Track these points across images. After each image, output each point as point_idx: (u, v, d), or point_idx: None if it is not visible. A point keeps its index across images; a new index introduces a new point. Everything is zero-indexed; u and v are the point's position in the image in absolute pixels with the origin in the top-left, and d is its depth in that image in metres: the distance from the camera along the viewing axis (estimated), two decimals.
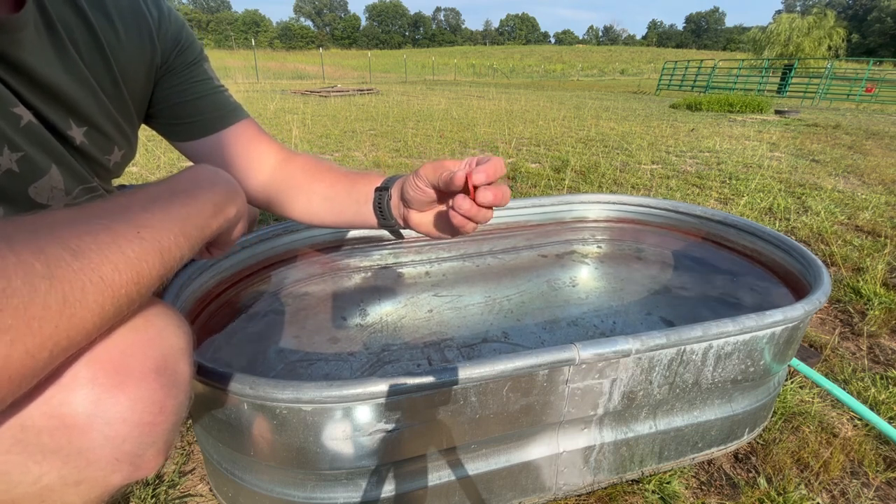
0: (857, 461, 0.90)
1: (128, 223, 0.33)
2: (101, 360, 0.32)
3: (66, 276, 0.28)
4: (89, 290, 0.29)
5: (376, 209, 0.60)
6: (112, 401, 0.32)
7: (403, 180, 0.56)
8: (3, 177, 0.43)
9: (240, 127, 0.66)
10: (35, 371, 0.28)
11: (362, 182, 0.62)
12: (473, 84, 19.86)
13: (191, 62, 0.62)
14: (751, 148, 4.24)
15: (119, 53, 0.53)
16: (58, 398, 0.30)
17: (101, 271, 0.30)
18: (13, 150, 0.44)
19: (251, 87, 12.36)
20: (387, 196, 0.59)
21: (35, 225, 0.29)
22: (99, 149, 0.54)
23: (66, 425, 0.31)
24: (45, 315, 0.27)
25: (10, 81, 0.43)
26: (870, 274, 1.61)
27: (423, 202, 0.54)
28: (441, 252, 1.22)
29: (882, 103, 11.59)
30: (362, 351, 1.06)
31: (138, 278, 0.32)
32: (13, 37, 0.41)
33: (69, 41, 0.48)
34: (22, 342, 0.26)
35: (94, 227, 0.31)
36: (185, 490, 0.82)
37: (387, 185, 0.60)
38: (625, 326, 1.18)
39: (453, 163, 0.51)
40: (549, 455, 0.72)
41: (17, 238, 0.27)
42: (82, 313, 0.29)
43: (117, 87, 0.54)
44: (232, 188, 0.47)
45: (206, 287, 0.85)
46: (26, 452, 0.30)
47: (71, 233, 0.30)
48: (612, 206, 1.28)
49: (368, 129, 4.91)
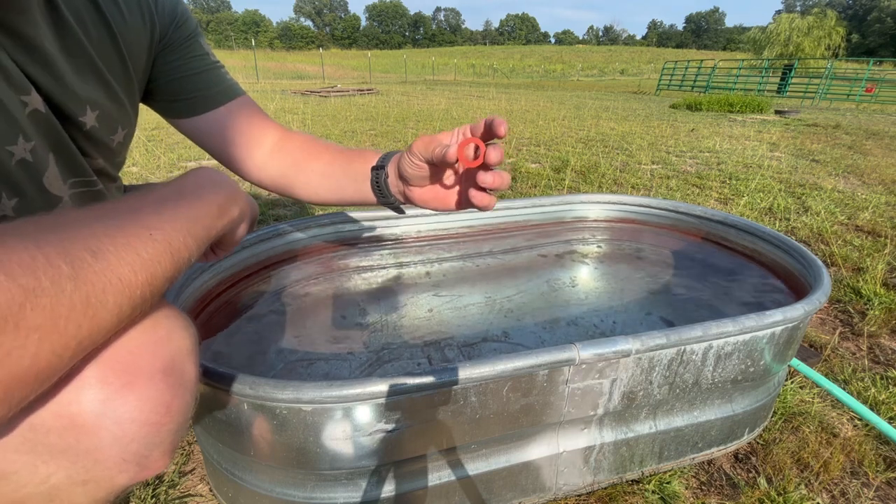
0: (857, 461, 0.90)
1: (140, 225, 0.34)
2: (110, 360, 0.32)
3: (88, 277, 0.28)
4: (109, 291, 0.29)
5: (374, 187, 0.60)
6: (121, 400, 0.32)
7: (399, 157, 0.56)
8: (18, 167, 0.43)
9: (238, 103, 0.66)
10: (58, 370, 0.28)
11: (359, 160, 0.62)
12: (473, 84, 19.87)
13: (187, 37, 0.62)
14: (751, 148, 4.24)
15: (125, 32, 0.53)
16: (67, 397, 0.31)
17: (119, 272, 0.30)
18: (27, 139, 0.44)
19: (251, 87, 12.36)
20: (383, 174, 0.59)
21: (56, 225, 0.29)
22: (105, 131, 0.54)
23: (74, 424, 0.31)
24: (71, 315, 0.27)
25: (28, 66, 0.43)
26: (870, 274, 1.61)
27: (420, 177, 0.54)
28: (441, 252, 1.22)
29: (882, 103, 11.59)
30: (362, 350, 1.06)
31: (152, 279, 0.33)
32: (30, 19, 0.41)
33: (77, 22, 0.48)
34: (49, 341, 0.26)
35: (109, 228, 0.32)
36: (185, 490, 0.82)
37: (383, 162, 0.59)
38: (625, 326, 1.18)
39: (446, 135, 0.51)
40: (549, 455, 0.72)
41: (44, 239, 0.27)
42: (103, 314, 0.29)
43: (125, 67, 0.54)
44: (234, 189, 0.47)
45: (207, 287, 0.85)
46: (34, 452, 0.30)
47: (89, 233, 0.30)
48: (612, 206, 1.28)
49: (368, 129, 4.91)
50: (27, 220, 0.29)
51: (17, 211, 0.44)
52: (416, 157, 0.51)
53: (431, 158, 0.50)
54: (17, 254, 0.25)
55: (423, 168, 0.52)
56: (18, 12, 0.41)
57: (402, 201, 0.60)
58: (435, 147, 0.49)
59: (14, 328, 0.24)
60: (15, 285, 0.24)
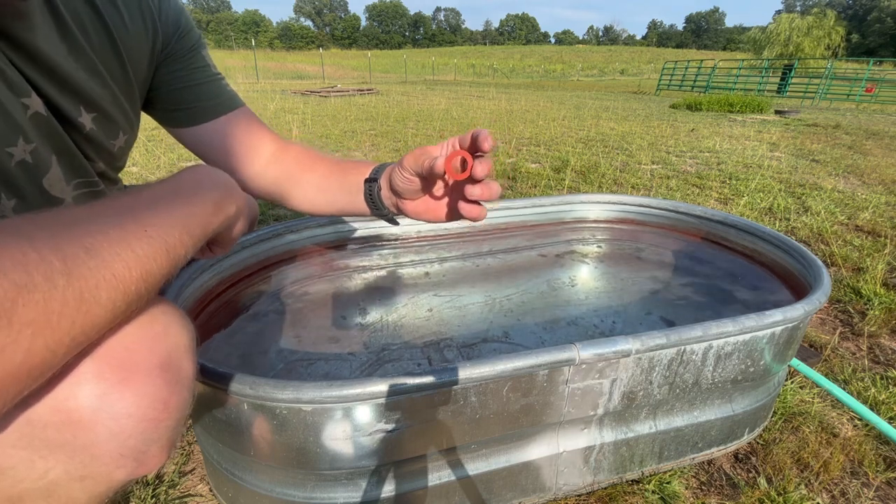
0: (857, 461, 0.90)
1: (135, 221, 0.34)
2: (107, 355, 0.33)
3: (82, 273, 0.28)
4: (103, 287, 0.30)
5: (368, 200, 0.61)
6: (117, 396, 0.32)
7: (391, 170, 0.57)
8: (18, 168, 0.44)
9: (237, 115, 0.67)
10: (52, 365, 0.28)
11: (353, 172, 0.63)
12: (473, 84, 19.87)
13: (190, 48, 0.63)
14: (751, 148, 4.24)
15: (126, 38, 0.54)
16: (64, 393, 0.31)
17: (113, 269, 0.30)
18: (27, 140, 0.44)
19: (251, 87, 12.36)
20: (376, 187, 0.59)
21: (51, 223, 0.30)
22: (105, 135, 0.54)
23: (71, 420, 0.31)
24: (64, 311, 0.27)
25: (26, 69, 0.43)
26: (870, 274, 1.61)
27: (411, 191, 0.54)
28: (441, 252, 1.22)
29: (882, 103, 11.59)
30: (362, 350, 1.06)
31: (147, 276, 0.33)
32: (28, 23, 0.42)
33: (78, 27, 0.48)
34: (42, 336, 0.26)
35: (104, 225, 0.32)
36: (185, 490, 0.82)
37: (375, 175, 0.60)
38: (625, 326, 1.18)
39: (435, 148, 0.51)
40: (549, 455, 0.72)
41: (37, 236, 0.27)
42: (96, 309, 0.29)
43: (125, 72, 0.55)
44: (231, 186, 0.47)
45: (207, 287, 0.85)
46: (32, 447, 0.30)
47: (84, 231, 0.30)
48: (612, 206, 1.28)
49: (368, 129, 4.91)
50: (22, 218, 0.29)
51: (16, 212, 0.44)
52: (406, 171, 0.52)
53: (421, 171, 0.51)
54: (9, 250, 0.25)
55: (415, 182, 0.53)
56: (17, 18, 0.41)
57: (396, 213, 0.61)
58: (424, 160, 0.49)
59: (7, 324, 0.24)
60: (7, 281, 0.24)
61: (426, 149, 0.51)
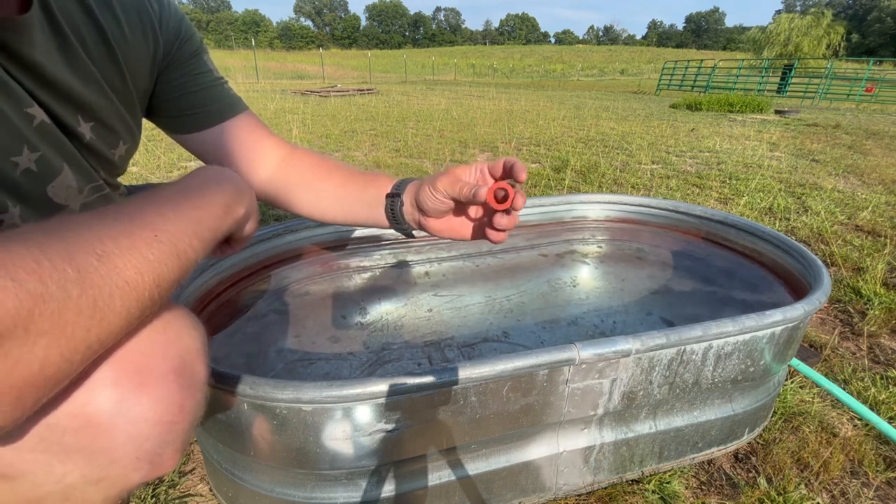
0: (857, 461, 0.90)
1: (145, 227, 0.34)
2: (124, 361, 0.33)
3: (95, 281, 0.28)
4: (116, 294, 0.30)
5: (388, 214, 0.61)
6: (135, 400, 0.32)
7: (416, 188, 0.57)
8: (23, 176, 0.44)
9: (241, 119, 0.67)
10: (69, 373, 0.28)
11: (373, 186, 0.63)
12: (473, 84, 19.87)
13: (191, 54, 0.62)
14: (751, 148, 4.24)
15: (125, 48, 0.54)
16: (82, 398, 0.31)
17: (125, 275, 0.30)
18: (32, 149, 0.44)
19: (251, 87, 12.36)
20: (399, 202, 0.60)
21: (59, 230, 0.30)
22: (105, 144, 0.54)
23: (90, 424, 0.31)
24: (78, 320, 0.27)
25: (25, 81, 0.43)
26: (870, 274, 1.61)
27: (441, 211, 0.56)
28: (441, 252, 1.22)
29: (882, 103, 11.58)
30: (362, 350, 1.06)
31: (159, 281, 0.33)
32: (26, 37, 0.42)
33: (76, 39, 0.48)
34: (57, 346, 0.26)
35: (114, 231, 0.32)
36: (185, 490, 0.82)
37: (398, 190, 0.60)
38: (625, 326, 1.18)
39: (464, 170, 0.53)
40: (549, 455, 0.72)
41: (48, 244, 0.27)
42: (111, 317, 0.30)
43: (124, 82, 0.55)
44: (240, 187, 0.47)
45: (207, 287, 0.85)
46: (51, 451, 0.31)
47: (94, 237, 0.30)
48: (612, 206, 1.28)
49: (368, 128, 4.91)
50: (31, 226, 0.29)
51: (22, 218, 0.44)
52: (440, 193, 0.54)
53: (458, 197, 0.53)
54: (22, 259, 0.25)
55: (448, 203, 0.55)
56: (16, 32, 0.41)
57: (416, 228, 0.61)
58: (462, 187, 0.52)
59: (23, 333, 0.25)
60: (23, 291, 0.24)
61: (457, 173, 0.53)
